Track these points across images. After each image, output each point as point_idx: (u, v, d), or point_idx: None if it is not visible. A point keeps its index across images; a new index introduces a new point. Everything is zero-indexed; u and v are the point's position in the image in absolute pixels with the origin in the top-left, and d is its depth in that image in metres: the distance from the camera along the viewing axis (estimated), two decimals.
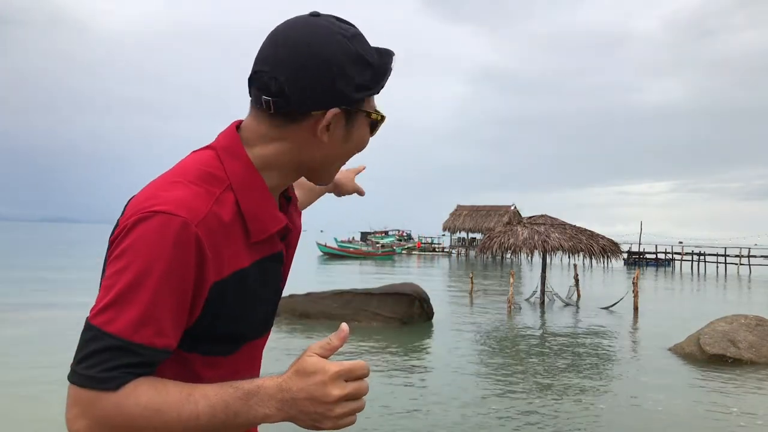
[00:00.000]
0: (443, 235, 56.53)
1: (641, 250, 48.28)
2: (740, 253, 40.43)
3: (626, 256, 42.07)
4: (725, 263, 39.31)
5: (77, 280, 17.56)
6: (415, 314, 11.95)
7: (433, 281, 23.31)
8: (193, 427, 0.83)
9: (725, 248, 42.01)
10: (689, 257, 43.60)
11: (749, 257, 40.14)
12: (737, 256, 40.10)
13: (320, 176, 1.04)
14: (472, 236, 52.53)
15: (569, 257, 16.91)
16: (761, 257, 41.08)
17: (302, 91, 0.91)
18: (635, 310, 14.72)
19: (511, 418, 5.97)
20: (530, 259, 17.79)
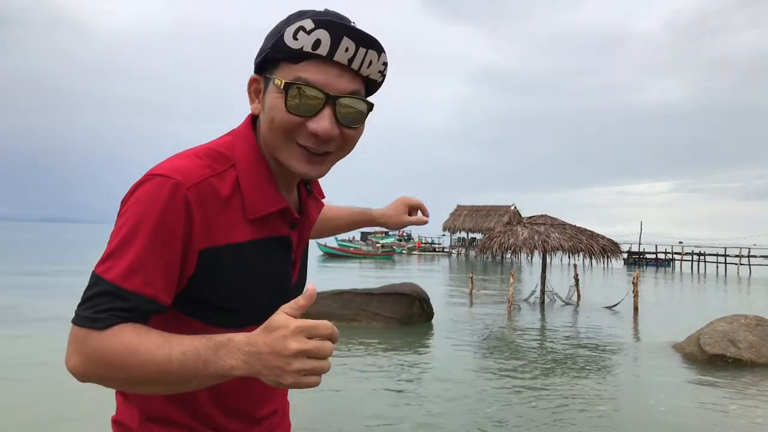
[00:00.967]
0: (443, 235, 56.51)
1: (641, 250, 48.30)
2: (740, 253, 40.40)
3: (626, 256, 42.13)
4: (725, 263, 39.28)
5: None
6: (415, 314, 11.94)
7: (433, 281, 23.31)
8: (165, 370, 0.88)
9: (725, 248, 41.99)
10: (689, 257, 43.61)
11: (749, 257, 40.13)
12: (737, 256, 40.09)
13: (273, 152, 1.04)
14: (472, 236, 52.53)
15: (569, 257, 16.88)
16: (761, 257, 41.08)
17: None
18: (635, 310, 14.70)
19: (511, 418, 5.97)
20: (530, 259, 17.78)
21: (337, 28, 0.95)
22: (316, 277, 23.28)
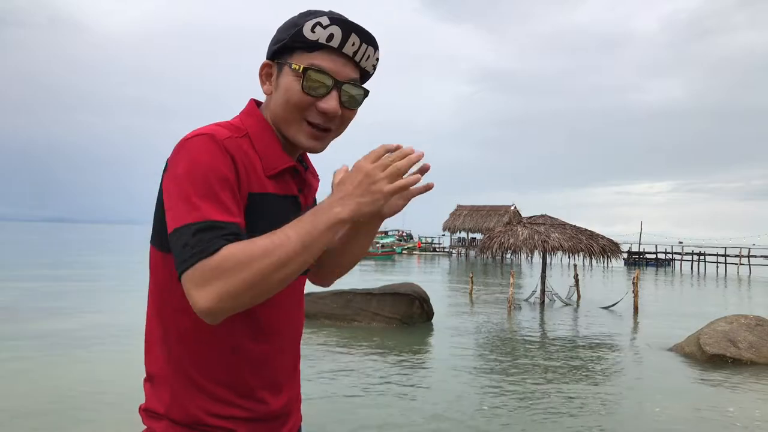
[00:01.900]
0: (443, 235, 56.48)
1: (641, 250, 48.23)
2: (740, 253, 40.37)
3: (626, 256, 42.06)
4: (725, 263, 39.24)
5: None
6: (415, 314, 11.94)
7: (433, 281, 23.31)
8: (290, 249, 0.98)
9: (725, 248, 41.95)
10: (689, 257, 43.59)
11: (749, 257, 40.09)
12: (737, 256, 40.04)
13: (281, 127, 1.20)
14: (472, 236, 52.50)
15: (569, 257, 16.88)
16: (761, 257, 41.05)
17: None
18: (635, 310, 14.71)
19: (511, 418, 5.97)
20: (530, 259, 17.77)
21: (347, 25, 1.13)
22: None
